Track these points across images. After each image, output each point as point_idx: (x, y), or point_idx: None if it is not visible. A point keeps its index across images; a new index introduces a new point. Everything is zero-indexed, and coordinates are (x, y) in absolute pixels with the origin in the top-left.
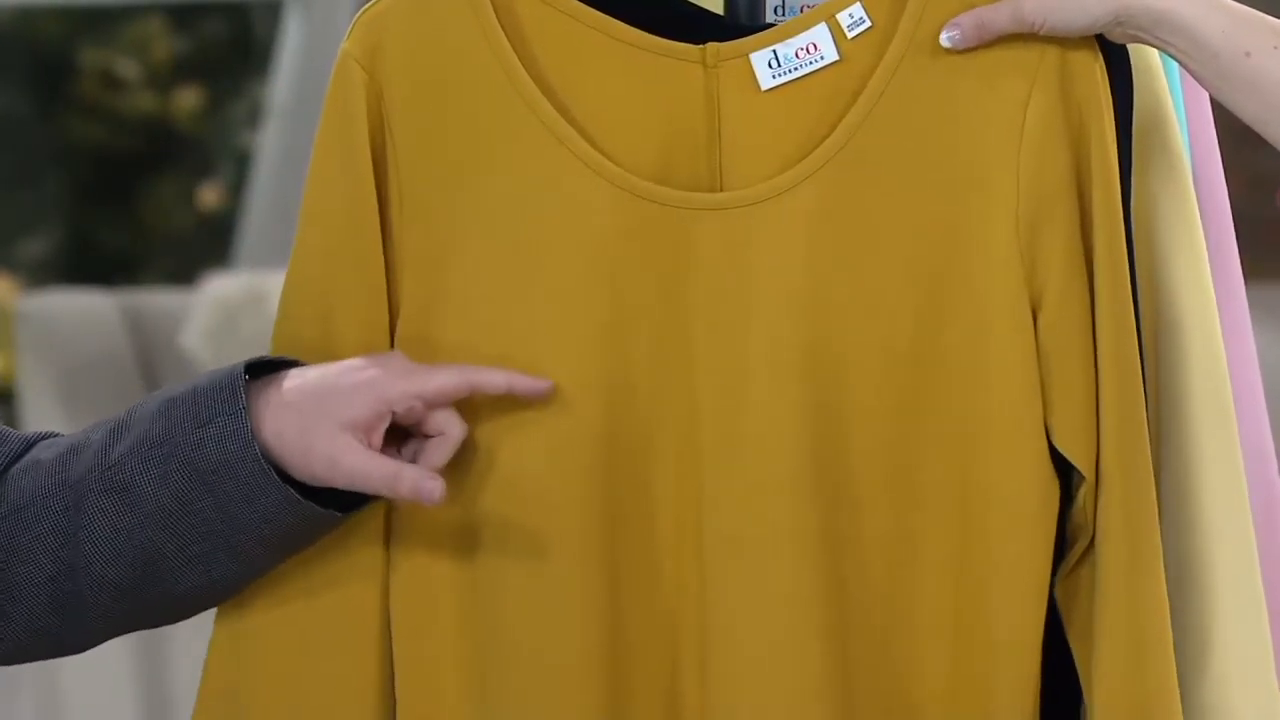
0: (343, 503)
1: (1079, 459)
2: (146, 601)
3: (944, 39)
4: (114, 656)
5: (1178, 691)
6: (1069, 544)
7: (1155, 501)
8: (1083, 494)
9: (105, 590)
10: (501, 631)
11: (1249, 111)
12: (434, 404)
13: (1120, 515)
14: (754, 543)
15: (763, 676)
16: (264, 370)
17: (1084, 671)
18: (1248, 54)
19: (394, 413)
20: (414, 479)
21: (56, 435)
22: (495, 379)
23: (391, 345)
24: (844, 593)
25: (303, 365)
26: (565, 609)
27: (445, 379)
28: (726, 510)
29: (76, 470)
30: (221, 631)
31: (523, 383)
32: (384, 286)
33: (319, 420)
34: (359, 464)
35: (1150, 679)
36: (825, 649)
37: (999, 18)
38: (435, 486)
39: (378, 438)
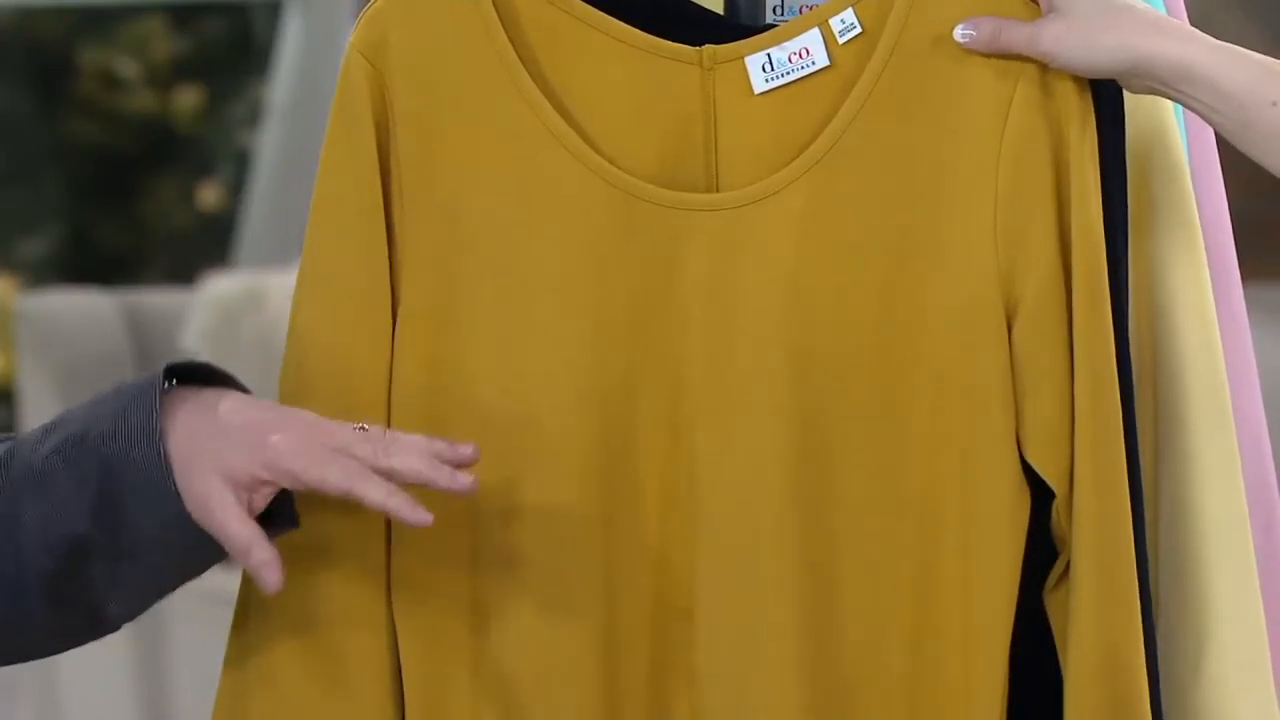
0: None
1: (1048, 472)
2: (81, 600)
3: (958, 33)
4: (113, 657)
5: (1147, 704)
6: (1057, 556)
7: (1129, 516)
8: (1055, 508)
9: (45, 586)
10: (500, 627)
11: (1274, 161)
12: (315, 491)
13: (1093, 531)
14: (741, 541)
15: (746, 671)
16: (197, 376)
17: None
18: (1274, 103)
19: (278, 484)
20: (260, 562)
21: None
22: (375, 495)
23: (392, 341)
24: (821, 591)
25: (232, 380)
26: (560, 605)
27: (324, 474)
28: (716, 509)
29: (13, 470)
30: (230, 659)
31: (402, 508)
32: (387, 282)
33: (204, 459)
34: (225, 520)
35: (1119, 692)
36: (801, 647)
37: (1016, 37)
38: (273, 581)
39: (260, 500)
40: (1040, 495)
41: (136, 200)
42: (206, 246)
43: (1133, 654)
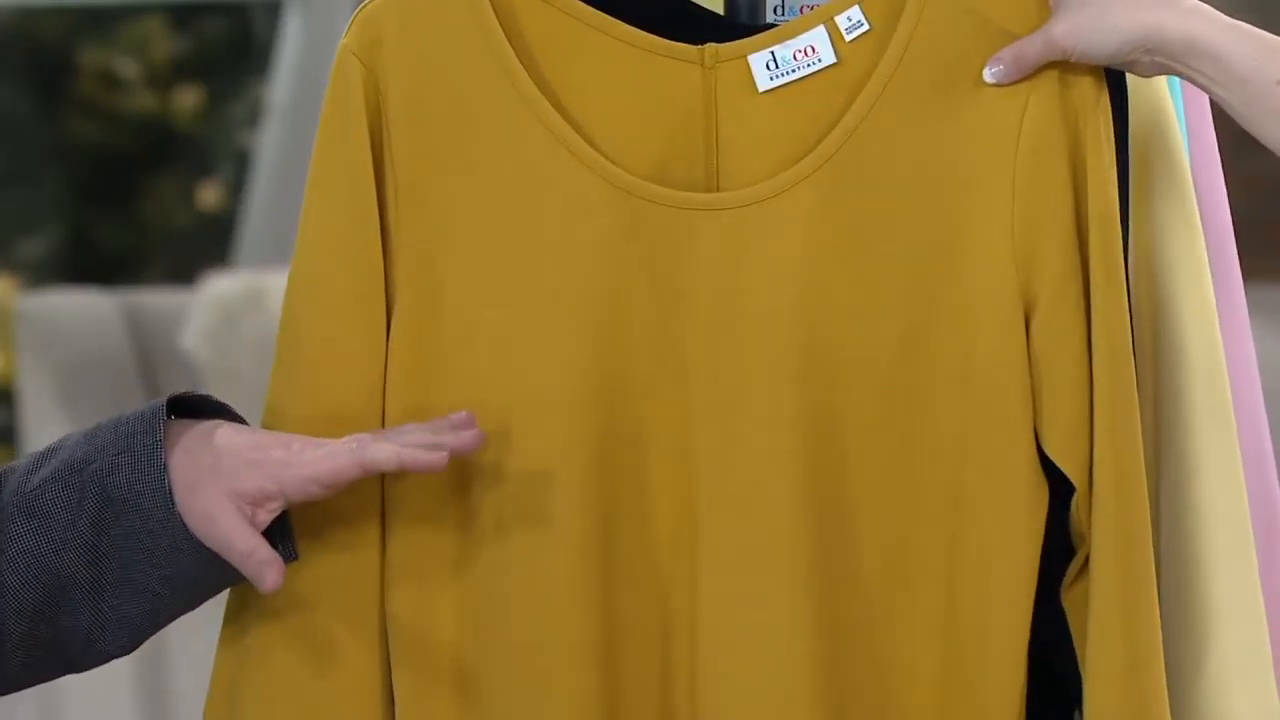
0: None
1: (1069, 467)
2: (58, 636)
3: (988, 74)
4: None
5: (1167, 700)
6: (1075, 551)
7: (1148, 512)
8: (1075, 503)
9: (21, 619)
10: (498, 628)
11: (1276, 138)
12: (330, 486)
13: (1113, 526)
14: (748, 542)
15: (753, 674)
16: (191, 408)
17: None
18: (1278, 82)
19: (288, 496)
20: (262, 561)
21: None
22: (385, 455)
23: (387, 341)
24: (835, 591)
25: (228, 411)
26: (561, 608)
27: (335, 463)
28: (721, 510)
29: (3, 499)
30: (224, 647)
31: (414, 461)
32: (381, 282)
33: (210, 480)
34: (229, 531)
35: (1140, 689)
36: (815, 647)
37: (1033, 48)
38: (273, 579)
39: (265, 515)
40: (1053, 493)
41: (136, 200)
42: (206, 246)
43: (1153, 648)
